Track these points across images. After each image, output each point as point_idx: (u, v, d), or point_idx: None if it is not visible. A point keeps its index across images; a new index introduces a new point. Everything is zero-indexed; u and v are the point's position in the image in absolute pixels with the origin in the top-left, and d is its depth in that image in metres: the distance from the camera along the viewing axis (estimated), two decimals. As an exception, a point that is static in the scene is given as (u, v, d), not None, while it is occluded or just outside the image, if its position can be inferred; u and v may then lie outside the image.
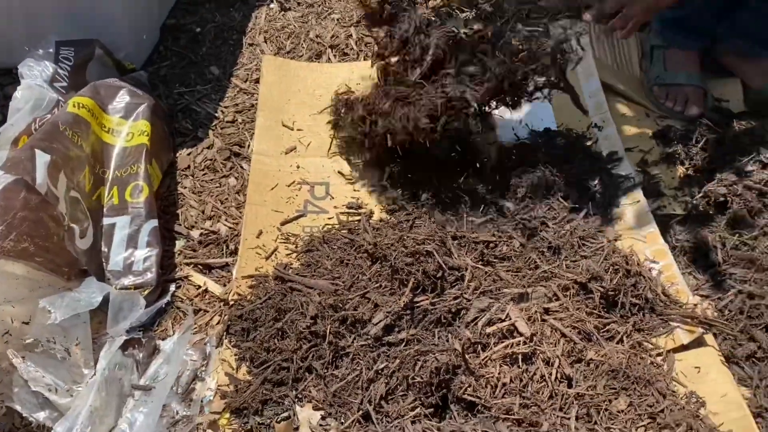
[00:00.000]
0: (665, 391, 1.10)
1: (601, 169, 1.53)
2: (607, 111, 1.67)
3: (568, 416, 1.07)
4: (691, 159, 1.57)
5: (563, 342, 1.13)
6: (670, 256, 1.36)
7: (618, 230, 1.42)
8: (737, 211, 1.42)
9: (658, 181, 1.55)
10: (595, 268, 1.24)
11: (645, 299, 1.25)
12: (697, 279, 1.38)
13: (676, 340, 1.21)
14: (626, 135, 1.67)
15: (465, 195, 1.49)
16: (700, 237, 1.43)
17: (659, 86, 1.76)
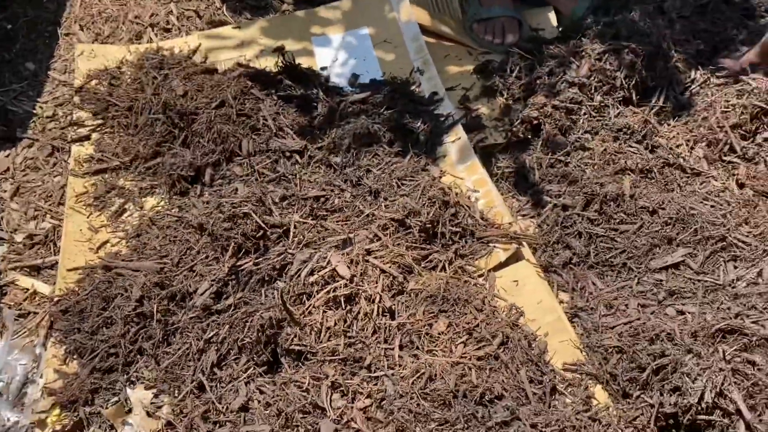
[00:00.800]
0: (482, 307, 1.16)
1: (424, 112, 1.57)
2: (427, 54, 1.70)
3: (392, 346, 1.11)
4: (509, 89, 1.63)
5: (383, 278, 1.17)
6: (489, 183, 1.42)
7: (443, 167, 1.47)
8: (549, 131, 1.49)
9: (479, 115, 1.61)
10: (411, 204, 1.28)
11: (465, 226, 1.31)
12: (519, 201, 1.45)
13: (496, 259, 1.27)
14: (449, 75, 1.71)
15: (297, 155, 1.49)
16: (520, 161, 1.50)
17: (478, 22, 1.81)
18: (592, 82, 1.52)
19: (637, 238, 1.27)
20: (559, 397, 1.05)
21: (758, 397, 0.97)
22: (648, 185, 1.36)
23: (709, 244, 1.22)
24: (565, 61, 1.57)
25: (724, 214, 1.26)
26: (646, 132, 1.45)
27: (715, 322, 1.06)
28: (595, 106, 1.50)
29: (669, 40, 1.58)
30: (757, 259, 1.16)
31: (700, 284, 1.17)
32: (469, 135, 1.55)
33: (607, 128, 1.47)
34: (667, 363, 1.03)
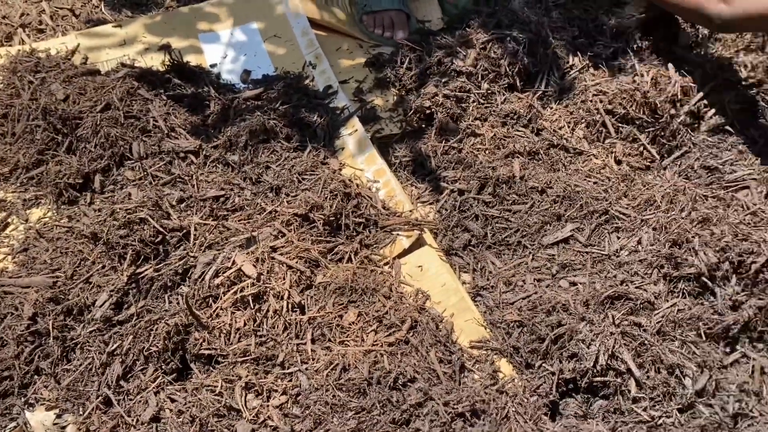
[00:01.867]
0: (389, 294, 1.19)
1: (319, 105, 1.58)
2: (318, 47, 1.71)
3: (304, 341, 1.11)
4: (400, 80, 1.66)
5: (290, 274, 1.17)
6: (388, 173, 1.45)
7: (342, 159, 1.48)
8: (442, 119, 1.54)
9: (373, 106, 1.63)
10: (314, 198, 1.28)
11: (368, 217, 1.33)
12: (418, 188, 1.49)
13: (400, 247, 1.30)
14: (341, 68, 1.73)
15: (192, 155, 1.45)
16: (416, 150, 1.54)
17: (367, 14, 1.83)
18: (479, 70, 1.58)
19: (529, 217, 1.34)
20: (468, 373, 1.10)
21: (645, 355, 1.06)
22: (536, 166, 1.44)
23: (594, 218, 1.31)
24: (452, 52, 1.62)
25: (606, 189, 1.36)
26: (531, 116, 1.53)
27: (603, 290, 1.14)
28: (483, 93, 1.56)
29: (547, 27, 1.67)
30: (636, 228, 1.26)
31: (588, 256, 1.26)
32: (365, 126, 1.57)
33: (495, 114, 1.54)
34: (563, 332, 1.10)
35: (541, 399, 1.05)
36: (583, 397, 1.07)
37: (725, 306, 1.11)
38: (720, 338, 1.10)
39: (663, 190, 1.30)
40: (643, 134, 1.47)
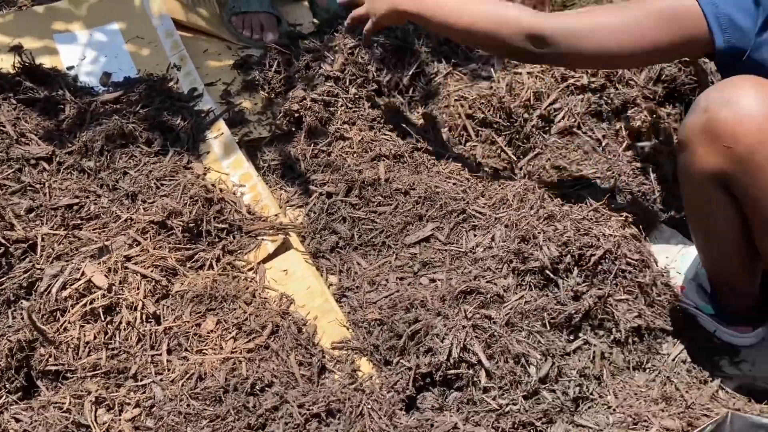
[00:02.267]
0: (251, 300, 1.18)
1: (183, 108, 1.54)
2: (183, 49, 1.67)
3: (159, 352, 1.09)
4: (269, 83, 1.66)
5: (145, 284, 1.14)
6: (255, 177, 1.44)
7: (207, 164, 1.46)
8: (311, 123, 1.55)
9: (241, 109, 1.61)
10: (172, 204, 1.25)
11: (232, 222, 1.31)
12: (287, 192, 1.49)
13: (265, 251, 1.30)
14: (208, 70, 1.70)
15: (44, 162, 1.38)
16: (285, 153, 1.54)
17: (236, 16, 1.81)
18: (347, 75, 1.60)
19: (393, 217, 1.37)
20: (328, 374, 1.11)
21: (495, 346, 1.11)
22: (401, 169, 1.48)
23: (452, 217, 1.36)
24: (321, 56, 1.64)
25: (464, 189, 1.42)
26: (398, 119, 1.57)
27: (458, 285, 1.19)
28: (351, 98, 1.59)
29: (413, 34, 1.72)
30: (490, 226, 1.32)
31: (447, 253, 1.31)
32: (232, 130, 1.55)
33: (363, 118, 1.57)
34: (420, 328, 1.13)
35: (398, 395, 1.08)
36: (439, 390, 1.11)
37: (567, 296, 1.18)
38: (563, 327, 1.18)
39: (515, 189, 1.37)
40: (501, 137, 1.54)
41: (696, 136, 0.98)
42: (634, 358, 1.21)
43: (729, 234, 1.08)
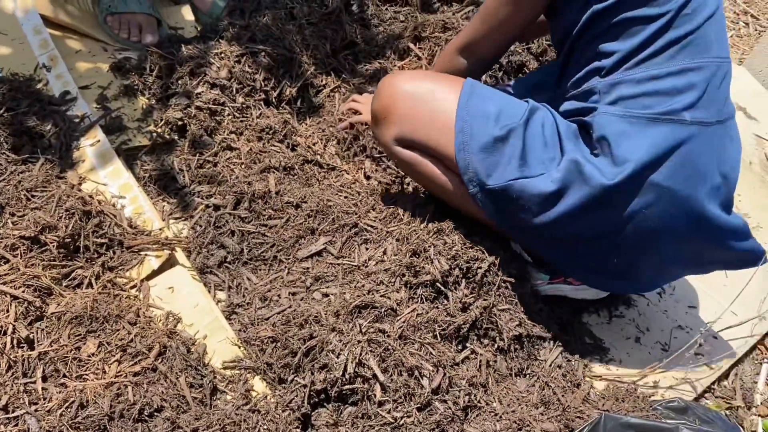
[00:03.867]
0: (136, 320, 1.12)
1: (55, 113, 1.43)
2: (54, 48, 1.55)
3: (34, 379, 1.00)
4: (150, 89, 1.58)
5: (16, 305, 1.04)
6: (135, 188, 1.37)
7: (81, 173, 1.36)
8: (195, 132, 1.49)
9: (119, 115, 1.53)
10: (45, 217, 1.16)
11: (112, 236, 1.24)
12: (170, 203, 1.43)
13: (149, 268, 1.23)
14: (82, 72, 1.59)
15: None
16: (167, 163, 1.48)
17: (112, 15, 1.71)
18: (233, 83, 1.56)
19: (284, 231, 1.36)
20: (221, 395, 1.08)
21: (389, 360, 1.13)
22: (291, 181, 1.46)
23: (345, 230, 1.36)
24: (205, 63, 1.58)
25: (356, 203, 1.43)
26: (287, 132, 1.56)
27: (352, 299, 1.20)
28: (238, 107, 1.55)
29: (301, 45, 1.71)
30: (382, 239, 1.34)
31: (340, 267, 1.31)
32: (110, 137, 1.47)
33: (251, 128, 1.54)
34: (315, 344, 1.13)
35: (293, 413, 1.07)
36: (334, 406, 1.11)
37: (456, 308, 1.23)
38: (453, 338, 1.22)
39: (405, 204, 1.40)
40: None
41: (373, 126, 1.30)
42: (515, 365, 1.29)
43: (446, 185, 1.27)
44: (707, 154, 1.12)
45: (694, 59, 1.12)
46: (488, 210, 1.21)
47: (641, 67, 1.12)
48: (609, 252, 1.21)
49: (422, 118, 1.21)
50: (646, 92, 1.11)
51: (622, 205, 1.13)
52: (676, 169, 1.11)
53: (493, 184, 1.16)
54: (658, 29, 1.11)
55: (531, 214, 1.17)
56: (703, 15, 1.12)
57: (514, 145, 1.14)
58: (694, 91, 1.11)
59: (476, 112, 1.17)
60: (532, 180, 1.14)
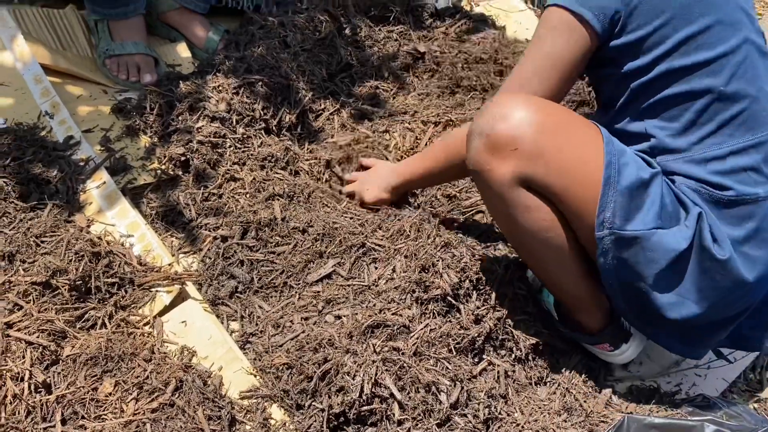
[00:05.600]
0: (151, 357, 1.13)
1: (60, 158, 1.46)
2: (55, 95, 1.58)
3: (53, 423, 1.01)
4: (151, 127, 1.60)
5: (31, 351, 1.05)
6: (143, 226, 1.38)
7: (89, 216, 1.38)
8: (198, 166, 1.51)
9: (123, 156, 1.54)
10: (55, 262, 1.17)
11: (122, 276, 1.25)
12: (179, 238, 1.44)
13: (161, 304, 1.24)
14: (84, 116, 1.61)
15: None
16: (173, 199, 1.49)
17: (110, 58, 1.74)
18: (233, 115, 1.58)
19: (293, 257, 1.36)
20: (239, 426, 1.08)
21: (405, 377, 1.13)
22: (296, 207, 1.47)
23: (352, 251, 1.37)
24: (204, 97, 1.61)
25: (362, 223, 1.43)
26: (289, 158, 1.57)
27: (364, 320, 1.20)
28: (239, 138, 1.57)
29: (296, 71, 1.73)
30: (390, 257, 1.34)
31: (350, 288, 1.31)
32: (115, 178, 1.48)
33: (253, 158, 1.55)
34: (330, 367, 1.13)
35: (313, 438, 1.06)
36: (353, 428, 1.10)
37: (469, 320, 1.23)
38: (468, 351, 1.22)
39: (411, 220, 1.40)
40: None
41: (483, 157, 1.08)
42: (535, 374, 1.27)
43: (554, 237, 1.12)
44: None
45: (755, 135, 1.08)
46: (605, 258, 1.08)
47: (701, 147, 1.09)
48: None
49: (564, 157, 1.06)
50: (711, 171, 1.08)
51: (727, 278, 1.07)
52: (759, 245, 1.08)
53: (630, 230, 1.04)
54: (705, 106, 1.08)
55: (657, 267, 1.06)
56: (756, 87, 1.08)
57: (655, 192, 1.05)
58: (759, 166, 1.07)
59: (620, 150, 1.07)
60: (670, 232, 1.05)
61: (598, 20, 1.10)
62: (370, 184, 1.49)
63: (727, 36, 1.09)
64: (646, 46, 1.11)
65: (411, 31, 2.07)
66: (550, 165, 1.05)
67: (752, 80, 1.09)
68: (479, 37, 2.07)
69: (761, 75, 1.10)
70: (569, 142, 1.07)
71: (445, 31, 2.11)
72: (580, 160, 1.06)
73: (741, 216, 1.06)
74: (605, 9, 1.09)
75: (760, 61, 1.11)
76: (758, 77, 1.09)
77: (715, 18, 1.08)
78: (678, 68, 1.09)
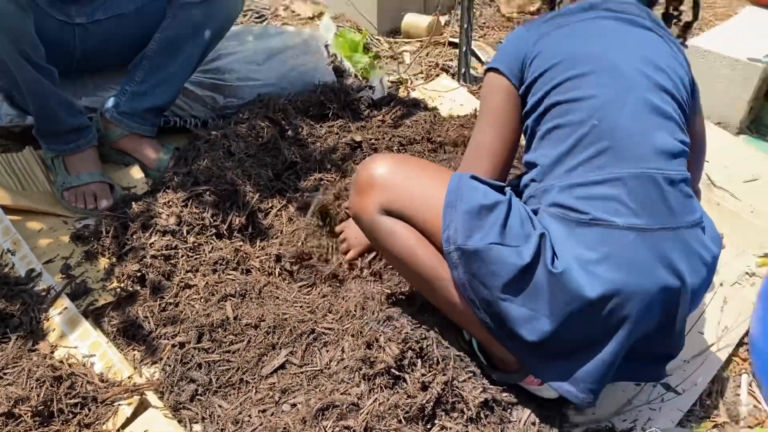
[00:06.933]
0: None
1: (22, 292, 1.54)
2: (16, 233, 1.69)
3: None
4: (108, 249, 1.70)
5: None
6: (104, 345, 1.45)
7: (52, 342, 1.45)
8: (153, 279, 1.60)
9: (84, 280, 1.64)
10: (16, 392, 1.24)
11: (85, 395, 1.31)
12: (140, 351, 1.51)
13: (123, 416, 1.30)
14: (45, 248, 1.71)
15: None
16: (132, 314, 1.57)
17: (67, 190, 1.86)
18: (183, 227, 1.68)
19: (247, 353, 1.43)
20: None
21: (358, 453, 1.18)
22: (248, 303, 1.55)
23: (303, 338, 1.44)
24: (155, 213, 1.71)
25: (311, 310, 1.51)
26: (239, 259, 1.66)
27: (315, 403, 1.25)
28: (190, 246, 1.67)
29: (242, 177, 1.85)
30: (339, 339, 1.41)
31: (304, 375, 1.37)
32: (77, 302, 1.57)
33: (205, 264, 1.64)
34: (284, 454, 1.18)
35: None
36: None
37: (416, 389, 1.28)
38: (419, 418, 1.27)
39: (356, 299, 1.48)
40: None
41: (354, 200, 1.34)
42: (489, 431, 1.32)
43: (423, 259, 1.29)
44: (646, 257, 1.15)
45: (620, 170, 1.18)
46: (458, 272, 1.22)
47: (571, 175, 1.21)
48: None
49: (413, 188, 1.28)
50: (577, 197, 1.19)
51: (565, 292, 1.16)
52: (611, 268, 1.15)
53: (471, 245, 1.18)
54: (580, 138, 1.21)
55: (500, 280, 1.18)
56: (624, 128, 1.20)
57: (497, 215, 1.19)
58: (622, 199, 1.17)
59: (468, 183, 1.24)
60: (510, 248, 1.17)
61: (511, 71, 1.34)
62: (357, 231, 1.57)
63: (607, 83, 1.24)
64: (537, 87, 1.30)
65: (350, 123, 2.21)
66: (402, 193, 1.28)
67: (621, 123, 1.21)
68: (412, 120, 2.21)
69: (636, 119, 1.22)
70: (420, 177, 1.30)
71: (382, 118, 2.26)
72: (429, 190, 1.27)
73: (596, 239, 1.15)
74: (514, 59, 1.35)
75: (642, 110, 1.23)
76: (633, 120, 1.21)
77: (596, 67, 1.25)
78: (557, 103, 1.26)
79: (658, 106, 1.24)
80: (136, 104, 1.97)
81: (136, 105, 1.97)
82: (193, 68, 2.04)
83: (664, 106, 1.24)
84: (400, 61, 2.84)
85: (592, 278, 1.14)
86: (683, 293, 1.18)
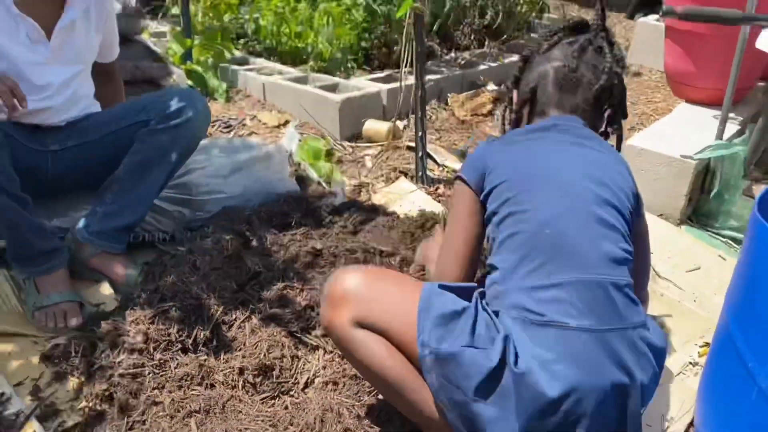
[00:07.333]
0: None
1: (-10, 417, 1.59)
2: (-15, 358, 1.74)
3: None
4: (77, 368, 1.75)
5: None
6: (70, 468, 1.49)
7: (20, 467, 1.49)
8: (121, 398, 1.65)
9: (53, 401, 1.68)
10: None
11: None
12: (107, 472, 1.55)
13: None
14: (14, 370, 1.77)
15: None
16: None
17: (38, 311, 1.92)
18: (150, 344, 1.76)
19: (211, 470, 1.48)
20: None
21: None
22: (213, 419, 1.61)
23: (265, 453, 1.49)
24: (123, 331, 1.79)
25: (273, 423, 1.58)
26: (203, 374, 1.73)
27: None
28: (157, 363, 1.73)
29: (207, 290, 1.94)
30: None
31: (265, 491, 1.43)
32: (45, 423, 1.61)
33: (171, 380, 1.70)
34: None
35: None
36: None
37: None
38: None
39: (315, 412, 1.55)
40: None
41: (326, 313, 1.43)
42: None
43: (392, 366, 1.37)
44: (598, 355, 1.24)
45: (572, 274, 1.30)
46: (431, 376, 1.30)
47: (527, 279, 1.32)
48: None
49: (385, 301, 1.38)
50: (534, 300, 1.29)
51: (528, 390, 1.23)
52: (568, 366, 1.23)
53: (445, 349, 1.27)
54: (534, 246, 1.34)
55: (473, 381, 1.25)
56: (569, 234, 1.33)
57: (465, 320, 1.29)
58: (573, 302, 1.27)
59: (437, 291, 1.36)
60: (480, 351, 1.25)
61: (473, 181, 1.51)
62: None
63: (556, 197, 1.39)
64: (494, 197, 1.45)
65: (311, 231, 2.33)
66: (374, 306, 1.37)
67: (570, 232, 1.34)
68: (371, 225, 2.34)
69: (584, 229, 1.35)
70: (391, 290, 1.41)
71: (343, 224, 2.39)
72: (401, 302, 1.37)
73: (553, 340, 1.25)
74: (476, 170, 1.51)
75: (589, 221, 1.36)
76: (581, 230, 1.35)
77: (547, 182, 1.42)
78: (512, 213, 1.40)
79: (603, 218, 1.38)
80: (106, 224, 2.08)
81: (107, 225, 2.08)
82: (161, 187, 2.16)
83: (608, 217, 1.39)
84: (362, 165, 3.01)
85: (552, 377, 1.23)
86: (633, 389, 1.28)
